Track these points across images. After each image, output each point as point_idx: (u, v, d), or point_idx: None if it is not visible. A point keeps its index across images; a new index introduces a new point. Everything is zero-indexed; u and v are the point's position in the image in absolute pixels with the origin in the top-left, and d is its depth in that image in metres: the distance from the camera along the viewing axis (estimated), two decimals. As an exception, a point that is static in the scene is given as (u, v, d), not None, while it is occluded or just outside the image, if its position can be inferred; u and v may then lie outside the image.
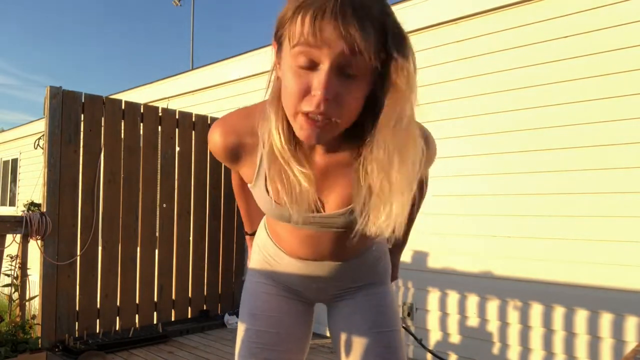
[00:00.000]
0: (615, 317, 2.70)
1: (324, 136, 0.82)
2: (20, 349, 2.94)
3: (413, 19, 3.50)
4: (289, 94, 0.80)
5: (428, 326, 3.45)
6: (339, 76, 0.77)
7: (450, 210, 3.31)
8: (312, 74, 0.77)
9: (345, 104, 0.79)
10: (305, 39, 0.75)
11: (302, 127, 0.81)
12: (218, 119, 1.02)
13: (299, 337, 1.22)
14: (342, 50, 0.74)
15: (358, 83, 0.79)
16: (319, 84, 0.76)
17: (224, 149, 0.99)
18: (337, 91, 0.77)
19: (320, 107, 0.77)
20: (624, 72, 2.70)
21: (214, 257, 4.41)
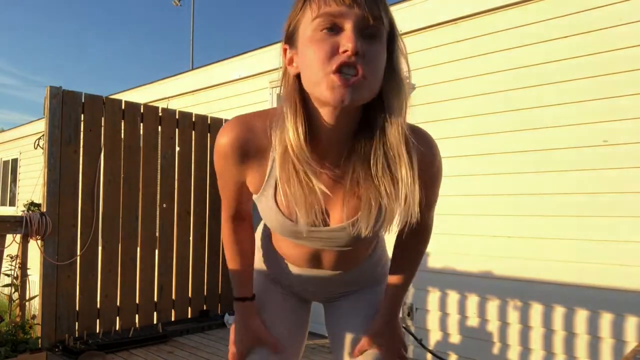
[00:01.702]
0: (615, 317, 2.70)
1: (357, 95, 0.80)
2: (20, 349, 2.94)
3: (413, 19, 3.50)
4: (316, 58, 0.80)
5: (428, 326, 3.45)
6: (362, 37, 0.80)
7: (450, 210, 3.31)
8: (338, 36, 0.79)
9: (373, 62, 0.81)
10: (325, 7, 0.79)
11: (334, 86, 0.79)
12: (233, 118, 0.99)
13: (298, 334, 1.23)
14: (362, 12, 0.78)
15: (379, 45, 0.82)
16: (347, 39, 0.78)
17: (235, 143, 0.93)
18: (364, 48, 0.79)
19: (352, 58, 0.78)
20: (624, 72, 2.70)
21: (214, 257, 4.41)
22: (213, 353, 3.51)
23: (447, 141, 3.33)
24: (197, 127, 4.33)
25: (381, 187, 0.88)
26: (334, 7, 0.79)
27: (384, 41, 0.83)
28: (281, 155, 0.88)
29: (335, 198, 0.95)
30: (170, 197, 4.13)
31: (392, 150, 0.87)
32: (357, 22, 0.79)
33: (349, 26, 0.79)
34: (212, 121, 4.45)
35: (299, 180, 0.88)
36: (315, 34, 0.80)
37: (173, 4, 10.99)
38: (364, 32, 0.80)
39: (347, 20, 0.79)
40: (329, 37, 0.79)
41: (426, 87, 3.49)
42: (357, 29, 0.79)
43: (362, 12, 0.79)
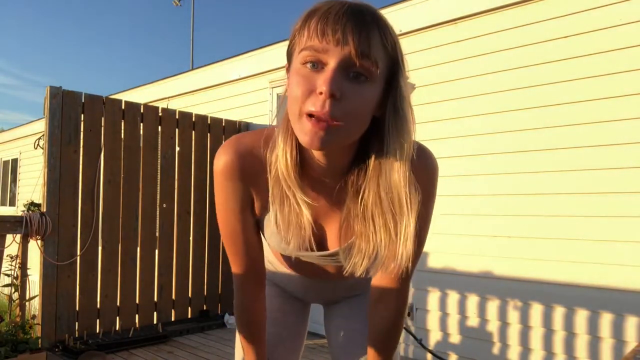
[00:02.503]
0: (615, 317, 2.70)
1: (329, 140, 0.76)
2: (20, 349, 2.94)
3: (413, 19, 3.50)
4: (294, 95, 0.77)
5: (428, 326, 3.45)
6: (346, 77, 0.75)
7: (450, 210, 3.31)
8: (319, 75, 0.75)
9: (352, 106, 0.75)
10: (312, 41, 0.75)
11: (306, 130, 0.75)
12: (228, 139, 0.95)
13: (298, 335, 1.24)
14: (348, 50, 0.73)
15: (367, 86, 0.76)
16: (324, 81, 0.73)
17: (235, 162, 0.90)
18: (344, 90, 0.74)
19: (325, 106, 0.73)
20: (624, 72, 2.70)
21: (214, 257, 4.41)
22: (213, 353, 3.51)
23: (446, 141, 3.33)
24: (197, 127, 4.33)
25: (369, 229, 0.85)
26: (320, 42, 0.74)
27: (375, 80, 0.77)
28: (273, 181, 0.87)
29: (332, 226, 0.94)
30: (170, 197, 4.13)
31: (389, 195, 0.82)
32: (342, 62, 0.74)
33: (331, 66, 0.74)
34: (212, 121, 4.45)
35: (290, 206, 0.87)
36: (299, 67, 0.77)
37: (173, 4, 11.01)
38: (350, 71, 0.75)
39: (332, 58, 0.74)
40: (310, 73, 0.76)
41: (426, 87, 3.49)
42: (341, 69, 0.74)
43: (348, 51, 0.73)
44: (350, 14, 0.74)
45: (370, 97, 0.78)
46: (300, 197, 0.85)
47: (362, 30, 0.74)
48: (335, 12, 0.75)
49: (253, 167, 0.90)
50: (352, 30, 0.73)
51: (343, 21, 0.74)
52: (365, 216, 0.85)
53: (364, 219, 0.86)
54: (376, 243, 0.85)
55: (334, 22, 0.74)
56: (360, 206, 0.85)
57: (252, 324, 1.06)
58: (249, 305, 1.05)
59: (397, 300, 1.02)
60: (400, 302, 1.03)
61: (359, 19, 0.75)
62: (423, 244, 0.98)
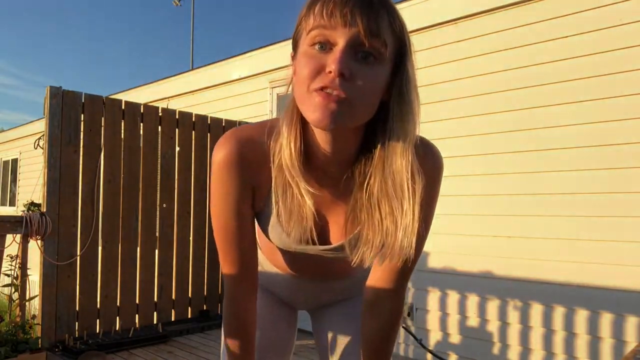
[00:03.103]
0: (615, 317, 2.70)
1: (340, 118, 0.74)
2: (20, 349, 2.94)
3: (413, 19, 3.50)
4: (302, 75, 0.76)
5: (428, 326, 3.45)
6: (355, 57, 0.75)
7: (450, 210, 3.31)
8: (327, 55, 0.75)
9: (362, 84, 0.74)
10: (319, 22, 0.75)
11: (316, 106, 0.74)
12: (228, 131, 0.92)
13: (286, 342, 1.23)
14: (357, 30, 0.73)
15: (376, 66, 0.76)
16: (333, 60, 0.73)
17: (234, 155, 0.88)
18: (353, 70, 0.74)
19: (335, 82, 0.73)
20: (624, 72, 2.70)
21: (214, 257, 4.40)
22: (213, 353, 3.51)
23: (447, 141, 3.33)
24: (197, 127, 4.33)
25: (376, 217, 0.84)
26: (329, 22, 0.74)
27: (384, 62, 0.77)
28: (276, 170, 0.86)
29: (336, 218, 0.92)
30: (170, 197, 4.13)
31: (394, 181, 0.81)
32: (351, 41, 0.74)
33: (340, 46, 0.74)
34: (212, 121, 4.45)
35: (292, 196, 0.86)
36: (308, 48, 0.77)
37: (173, 4, 11.01)
38: (358, 51, 0.75)
39: (341, 38, 0.74)
40: (319, 54, 0.75)
41: (426, 87, 3.49)
42: (350, 49, 0.74)
43: (357, 30, 0.73)
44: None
45: (378, 78, 0.77)
46: (304, 187, 0.84)
47: (370, 11, 0.74)
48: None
49: (255, 157, 0.88)
50: (360, 11, 0.73)
51: (351, 2, 0.74)
52: (372, 203, 0.84)
53: (370, 207, 0.85)
54: (383, 230, 0.84)
55: (341, 3, 0.74)
56: (366, 194, 0.84)
57: (241, 330, 1.01)
58: (240, 310, 1.00)
59: (394, 302, 1.00)
60: (398, 304, 1.01)
61: (365, 1, 0.74)
62: (424, 241, 0.96)
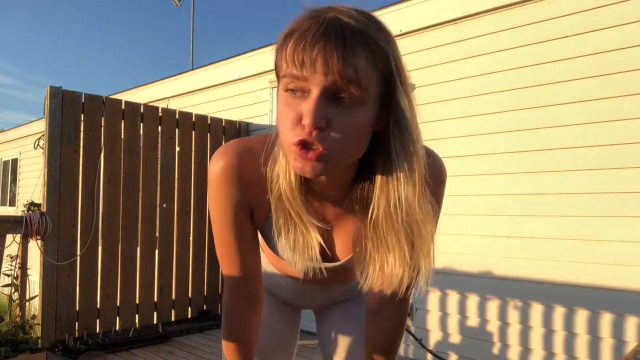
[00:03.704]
0: (615, 317, 2.70)
1: (321, 168, 0.72)
2: (20, 349, 2.94)
3: (413, 19, 3.50)
4: (282, 125, 0.73)
5: (428, 326, 3.45)
6: (333, 102, 0.69)
7: (450, 210, 3.30)
8: (303, 102, 0.70)
9: (341, 132, 0.70)
10: (291, 67, 0.70)
11: (296, 158, 0.72)
12: (226, 143, 0.89)
13: (288, 343, 1.23)
14: (331, 75, 0.67)
15: (356, 109, 0.71)
16: (307, 112, 0.68)
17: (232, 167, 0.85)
18: (330, 118, 0.69)
19: (311, 135, 0.69)
20: (624, 72, 2.70)
21: (214, 257, 4.40)
22: (213, 353, 3.51)
23: (447, 141, 3.33)
24: (197, 127, 4.33)
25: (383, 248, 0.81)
26: (299, 71, 0.69)
27: (366, 101, 0.71)
28: (275, 200, 0.83)
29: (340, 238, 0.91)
30: (170, 197, 4.13)
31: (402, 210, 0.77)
32: (324, 90, 0.68)
33: (313, 95, 0.69)
34: (212, 121, 4.45)
35: (295, 227, 0.83)
36: (283, 93, 0.73)
37: (173, 4, 11.00)
38: (336, 97, 0.69)
39: (314, 86, 0.69)
40: (295, 100, 0.71)
41: (426, 87, 3.49)
42: (325, 96, 0.69)
43: (331, 79, 0.67)
44: (329, 35, 0.67)
45: (361, 120, 0.72)
46: (308, 220, 0.81)
47: (344, 52, 0.67)
48: (312, 34, 0.68)
49: (254, 175, 0.85)
50: (332, 54, 0.67)
51: (320, 45, 0.67)
52: (378, 234, 0.80)
53: (375, 237, 0.81)
54: (389, 262, 0.81)
55: (310, 48, 0.67)
56: (370, 224, 0.81)
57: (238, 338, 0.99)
58: (235, 319, 0.98)
59: (399, 311, 0.99)
60: (402, 313, 1.00)
61: (339, 38, 0.67)
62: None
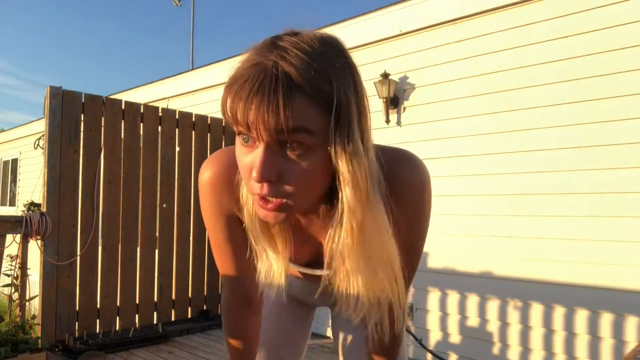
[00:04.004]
0: (615, 317, 2.70)
1: (282, 217, 0.72)
2: (20, 349, 2.94)
3: (413, 19, 3.51)
4: (241, 171, 0.73)
5: (428, 326, 3.45)
6: (281, 153, 0.68)
7: (450, 211, 3.31)
8: (254, 152, 0.69)
9: (294, 183, 0.69)
10: (235, 120, 0.68)
11: (258, 206, 0.73)
12: (220, 149, 0.91)
13: (298, 339, 1.23)
14: (271, 131, 0.65)
15: (307, 155, 0.68)
16: (256, 167, 0.68)
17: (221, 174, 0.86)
18: (281, 170, 0.68)
19: (264, 190, 0.69)
20: (624, 72, 2.70)
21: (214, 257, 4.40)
22: (213, 353, 3.51)
23: (446, 141, 3.34)
24: (197, 127, 4.33)
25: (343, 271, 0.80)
26: (245, 120, 0.66)
27: (317, 145, 0.68)
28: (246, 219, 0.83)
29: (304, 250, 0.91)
30: (170, 197, 4.13)
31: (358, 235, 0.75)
32: (269, 143, 0.67)
33: (259, 150, 0.68)
34: (212, 121, 4.45)
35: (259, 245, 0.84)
36: (237, 136, 0.72)
37: (173, 4, 11.00)
38: (284, 146, 0.68)
39: (258, 141, 0.68)
40: (246, 150, 0.71)
41: (426, 87, 3.49)
42: (271, 148, 0.68)
43: (272, 134, 0.66)
44: (264, 90, 0.65)
45: (312, 166, 0.70)
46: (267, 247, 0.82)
47: (278, 107, 0.64)
48: (248, 90, 0.66)
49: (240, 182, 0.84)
50: (266, 111, 0.64)
51: (255, 102, 0.65)
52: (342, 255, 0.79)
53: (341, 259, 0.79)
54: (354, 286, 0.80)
55: (247, 104, 0.65)
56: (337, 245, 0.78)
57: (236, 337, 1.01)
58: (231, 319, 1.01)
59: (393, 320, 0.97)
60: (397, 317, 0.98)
61: (273, 93, 0.64)
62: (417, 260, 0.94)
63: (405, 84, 3.60)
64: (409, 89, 3.58)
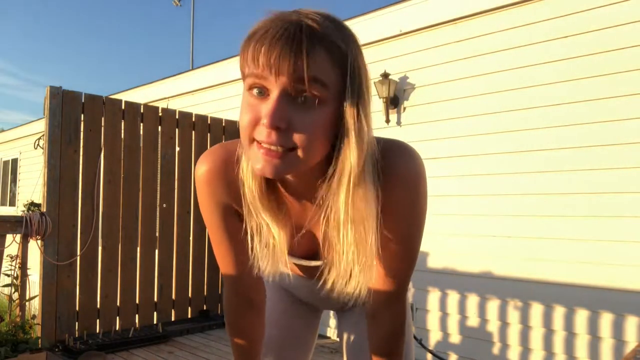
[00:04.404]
0: (615, 317, 2.70)
1: (283, 169, 0.72)
2: (20, 349, 2.94)
3: (413, 19, 3.50)
4: (242, 124, 0.73)
5: (428, 326, 3.45)
6: (293, 103, 0.70)
7: (450, 211, 3.31)
8: (264, 102, 0.71)
9: (302, 133, 0.70)
10: (253, 68, 0.70)
11: (257, 158, 0.72)
12: (215, 145, 0.91)
13: (304, 341, 1.22)
14: (288, 79, 0.68)
15: (317, 109, 0.71)
16: (266, 112, 0.69)
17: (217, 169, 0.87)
18: (290, 118, 0.70)
19: (271, 136, 0.70)
20: (624, 72, 2.70)
21: (214, 256, 4.39)
22: (213, 353, 3.51)
23: (446, 141, 3.33)
24: (197, 127, 4.33)
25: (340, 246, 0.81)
26: (259, 71, 0.69)
27: (327, 101, 0.71)
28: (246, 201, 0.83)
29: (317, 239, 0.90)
30: (170, 197, 4.13)
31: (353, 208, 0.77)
32: (284, 90, 0.69)
33: (274, 95, 0.70)
34: (212, 121, 4.45)
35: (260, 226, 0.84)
36: (246, 93, 0.74)
37: (173, 4, 11.00)
38: (296, 96, 0.70)
39: (274, 87, 0.69)
40: (257, 100, 0.72)
41: (426, 87, 3.49)
42: (285, 97, 0.69)
43: (289, 79, 0.68)
44: (287, 37, 0.68)
45: (322, 120, 0.72)
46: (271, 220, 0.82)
47: (299, 54, 0.67)
48: (271, 35, 0.69)
49: (237, 176, 0.85)
50: (290, 56, 0.67)
51: (279, 46, 0.68)
52: (338, 231, 0.80)
53: (336, 234, 0.80)
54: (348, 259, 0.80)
55: (271, 49, 0.68)
56: (332, 220, 0.80)
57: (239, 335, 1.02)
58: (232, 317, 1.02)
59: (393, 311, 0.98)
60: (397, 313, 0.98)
61: (296, 40, 0.68)
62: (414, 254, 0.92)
63: (405, 84, 3.60)
64: (409, 89, 3.58)
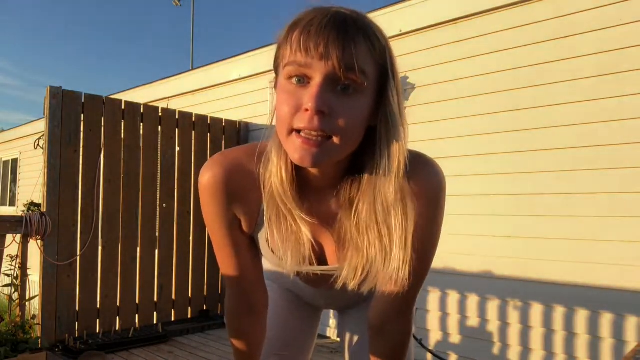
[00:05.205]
0: (615, 317, 2.70)
1: (322, 157, 0.73)
2: (20, 349, 2.94)
3: (413, 19, 3.50)
4: (282, 113, 0.74)
5: (428, 326, 3.45)
6: (334, 90, 0.72)
7: (450, 210, 3.28)
8: (305, 89, 0.72)
9: (343, 119, 0.72)
10: (295, 55, 0.72)
11: (296, 147, 0.73)
12: (215, 155, 0.91)
13: (304, 340, 1.22)
14: (333, 64, 0.70)
15: (357, 98, 0.73)
16: (310, 97, 0.71)
17: (220, 179, 0.86)
18: (332, 105, 0.71)
19: (313, 122, 0.71)
20: (624, 72, 2.69)
21: (214, 257, 4.38)
22: (213, 353, 3.51)
23: (446, 141, 3.33)
24: (197, 127, 4.33)
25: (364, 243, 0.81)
26: (304, 57, 0.71)
27: (365, 91, 0.74)
28: (268, 197, 0.84)
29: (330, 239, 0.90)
30: (170, 197, 4.13)
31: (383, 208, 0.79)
32: (327, 76, 0.71)
33: (316, 81, 0.71)
34: (212, 121, 4.45)
35: (287, 223, 0.84)
36: (285, 82, 0.75)
37: (173, 4, 10.99)
38: (337, 84, 0.72)
39: (317, 73, 0.71)
40: (297, 89, 0.73)
41: (426, 87, 3.49)
42: (327, 83, 0.71)
43: (333, 65, 0.70)
44: (334, 25, 0.71)
45: (360, 109, 0.75)
46: (299, 215, 0.82)
47: (346, 42, 0.70)
48: (317, 23, 0.71)
49: (242, 183, 0.86)
50: (336, 43, 0.70)
51: (326, 33, 0.70)
52: (360, 229, 0.81)
53: (358, 232, 0.82)
54: (370, 257, 0.81)
55: (316, 35, 0.70)
56: (354, 219, 0.82)
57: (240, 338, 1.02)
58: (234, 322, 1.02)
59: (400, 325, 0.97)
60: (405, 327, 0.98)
61: (342, 29, 0.71)
62: (427, 267, 0.93)
63: (405, 84, 3.60)
64: (409, 89, 3.58)
